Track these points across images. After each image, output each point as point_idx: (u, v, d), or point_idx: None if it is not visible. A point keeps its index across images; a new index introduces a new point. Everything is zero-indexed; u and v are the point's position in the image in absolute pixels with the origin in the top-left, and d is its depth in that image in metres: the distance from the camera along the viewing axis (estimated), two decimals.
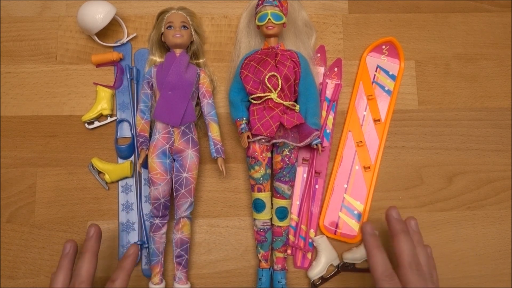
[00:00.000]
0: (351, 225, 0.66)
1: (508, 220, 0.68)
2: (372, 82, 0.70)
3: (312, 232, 0.65)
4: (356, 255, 0.64)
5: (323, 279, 0.64)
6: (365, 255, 0.60)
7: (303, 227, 0.65)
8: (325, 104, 0.68)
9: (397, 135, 0.69)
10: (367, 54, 0.70)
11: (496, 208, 0.68)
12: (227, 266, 0.65)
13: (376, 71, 0.70)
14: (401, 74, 0.70)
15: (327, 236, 0.65)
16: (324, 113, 0.68)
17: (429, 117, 0.70)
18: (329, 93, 0.69)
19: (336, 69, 0.69)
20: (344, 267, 0.64)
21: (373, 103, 0.69)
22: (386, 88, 0.69)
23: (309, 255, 0.65)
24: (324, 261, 0.63)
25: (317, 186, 0.67)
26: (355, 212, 0.66)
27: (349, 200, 0.66)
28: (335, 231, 0.66)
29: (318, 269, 0.63)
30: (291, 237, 0.65)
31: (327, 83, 0.68)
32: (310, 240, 0.65)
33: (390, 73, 0.70)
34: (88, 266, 0.54)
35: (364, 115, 0.69)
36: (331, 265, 0.64)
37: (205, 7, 0.71)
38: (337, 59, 0.70)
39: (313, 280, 0.64)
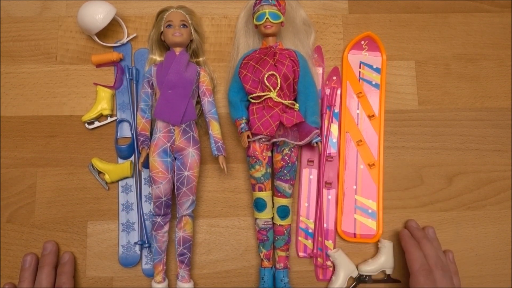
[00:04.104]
0: (368, 225, 0.66)
1: (508, 220, 0.68)
2: (359, 79, 0.69)
3: (330, 243, 0.65)
4: (371, 267, 0.64)
5: (362, 279, 0.64)
6: (380, 267, 0.63)
7: (320, 239, 0.65)
8: (327, 112, 0.67)
9: (397, 135, 0.69)
10: (348, 52, 0.70)
11: (496, 208, 0.68)
12: (227, 266, 0.65)
13: (360, 67, 0.70)
14: (385, 66, 0.70)
15: (347, 241, 0.66)
16: (326, 122, 0.67)
17: (429, 117, 0.70)
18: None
19: (334, 78, 0.69)
20: (361, 280, 0.64)
21: (364, 100, 0.69)
22: (374, 83, 0.69)
23: (329, 266, 0.65)
24: (342, 274, 0.63)
25: (330, 197, 0.67)
26: (370, 211, 0.66)
27: (361, 200, 0.66)
28: (354, 234, 0.66)
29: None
30: (305, 241, 0.65)
31: (327, 93, 0.68)
32: (329, 250, 0.65)
33: (374, 66, 0.70)
34: (48, 279, 0.59)
35: (358, 113, 0.69)
36: (351, 277, 0.64)
37: (205, 7, 0.71)
38: (334, 67, 0.69)
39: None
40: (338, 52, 0.71)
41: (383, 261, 0.63)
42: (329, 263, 0.65)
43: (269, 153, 0.63)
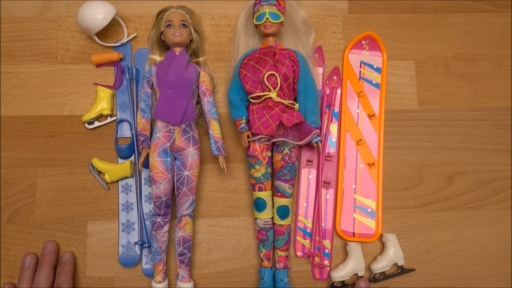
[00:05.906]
0: (367, 224, 0.66)
1: (508, 220, 0.68)
2: (359, 79, 0.70)
3: (328, 242, 0.65)
4: (382, 263, 0.63)
5: (344, 285, 0.64)
6: (393, 260, 0.62)
7: (318, 238, 0.65)
8: (327, 112, 0.68)
9: (397, 135, 0.69)
10: (349, 52, 0.70)
11: (496, 208, 0.68)
12: (227, 266, 0.65)
13: (360, 67, 0.70)
14: (385, 66, 0.70)
15: (346, 240, 0.66)
16: (326, 121, 0.67)
17: (429, 117, 0.70)
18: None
19: (335, 77, 0.69)
20: (376, 279, 0.64)
21: (364, 99, 0.69)
22: (374, 82, 0.69)
23: (326, 265, 0.65)
24: (351, 267, 0.63)
25: (328, 196, 0.67)
26: (369, 210, 0.66)
27: (360, 199, 0.67)
28: (353, 233, 0.66)
29: (343, 273, 0.63)
30: (303, 241, 0.65)
31: (327, 92, 0.68)
32: (324, 246, 0.65)
33: (375, 66, 0.70)
34: (47, 279, 0.59)
35: (358, 113, 0.69)
36: (355, 274, 0.64)
37: (205, 7, 0.71)
38: (335, 67, 0.69)
39: (334, 282, 0.64)
40: (338, 52, 0.71)
41: (392, 254, 0.63)
42: (326, 262, 0.65)
43: (269, 153, 0.63)
